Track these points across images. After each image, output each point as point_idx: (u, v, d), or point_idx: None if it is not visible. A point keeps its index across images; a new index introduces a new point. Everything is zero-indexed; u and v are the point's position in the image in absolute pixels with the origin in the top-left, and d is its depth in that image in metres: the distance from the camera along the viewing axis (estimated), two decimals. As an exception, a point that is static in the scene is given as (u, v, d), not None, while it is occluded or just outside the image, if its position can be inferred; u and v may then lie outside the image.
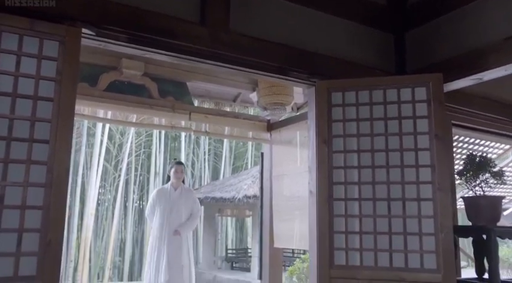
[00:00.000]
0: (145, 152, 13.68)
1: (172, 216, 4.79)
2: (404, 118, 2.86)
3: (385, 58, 3.51)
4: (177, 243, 4.72)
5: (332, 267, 2.79)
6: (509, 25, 2.82)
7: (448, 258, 2.66)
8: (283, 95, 3.89)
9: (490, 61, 2.90)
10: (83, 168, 11.16)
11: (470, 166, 2.98)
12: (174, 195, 4.91)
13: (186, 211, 4.90)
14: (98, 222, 12.13)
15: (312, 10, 3.16)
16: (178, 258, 4.69)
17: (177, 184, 4.99)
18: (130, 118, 4.40)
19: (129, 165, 12.96)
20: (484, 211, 2.88)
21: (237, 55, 2.78)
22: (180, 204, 4.88)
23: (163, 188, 5.09)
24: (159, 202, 4.88)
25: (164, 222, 4.75)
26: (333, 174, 2.89)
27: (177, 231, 4.75)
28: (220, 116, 4.73)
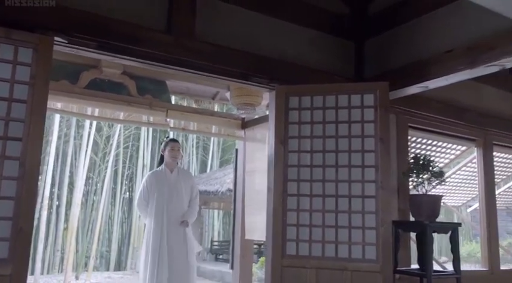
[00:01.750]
0: (134, 145, 13.88)
1: (173, 203, 4.05)
2: (353, 122, 3.13)
3: (345, 64, 3.77)
4: (180, 237, 4.01)
5: (284, 256, 3.07)
6: (450, 39, 3.08)
7: (386, 250, 2.94)
8: (253, 96, 4.13)
9: (433, 71, 3.17)
10: (71, 159, 11.36)
11: (414, 166, 3.24)
12: (172, 178, 4.16)
13: (187, 196, 4.18)
14: (85, 212, 12.36)
15: (275, 19, 3.40)
16: (184, 255, 3.99)
17: (173, 165, 4.24)
18: (108, 114, 4.63)
19: (118, 157, 13.16)
20: (424, 208, 3.16)
21: (201, 61, 3.03)
22: (179, 188, 4.13)
23: (157, 171, 4.27)
24: (155, 188, 4.10)
25: (164, 211, 3.99)
26: (288, 172, 3.16)
27: (185, 222, 4.04)
28: (197, 114, 4.98)
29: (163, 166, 4.24)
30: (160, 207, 4.01)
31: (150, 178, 4.19)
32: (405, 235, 3.65)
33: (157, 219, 3.98)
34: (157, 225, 3.97)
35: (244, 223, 4.94)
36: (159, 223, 3.97)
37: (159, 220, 3.98)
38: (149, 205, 4.09)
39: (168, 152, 4.22)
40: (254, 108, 4.32)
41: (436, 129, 4.33)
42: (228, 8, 3.19)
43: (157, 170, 4.30)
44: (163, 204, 4.02)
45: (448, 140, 4.61)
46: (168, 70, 3.06)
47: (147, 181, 4.18)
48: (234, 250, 5.10)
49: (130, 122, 5.20)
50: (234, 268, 5.05)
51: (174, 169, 4.23)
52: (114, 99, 4.35)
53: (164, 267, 3.88)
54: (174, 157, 4.23)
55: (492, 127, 4.69)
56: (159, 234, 3.94)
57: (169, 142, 4.28)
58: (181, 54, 2.95)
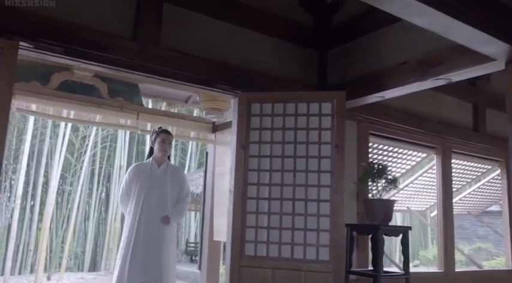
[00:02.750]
0: (112, 145, 13.84)
1: (153, 197, 3.61)
2: (311, 129, 3.28)
3: (309, 73, 3.92)
4: (157, 235, 3.56)
5: (242, 257, 3.19)
6: (403, 53, 3.26)
7: (339, 251, 3.10)
8: (220, 101, 4.26)
9: (388, 82, 3.35)
10: (47, 158, 11.30)
11: (370, 172, 3.40)
12: (157, 172, 3.73)
13: (173, 193, 3.70)
14: (60, 212, 12.28)
15: (239, 27, 3.53)
16: (158, 254, 3.52)
17: (162, 159, 3.79)
18: (83, 116, 4.68)
19: (94, 157, 13.12)
20: (378, 212, 3.32)
21: (165, 68, 3.14)
22: (164, 183, 3.69)
23: (141, 163, 3.90)
24: (136, 180, 3.70)
25: (141, 205, 3.58)
26: (248, 176, 3.29)
27: (166, 218, 3.58)
28: (168, 117, 5.07)
29: (151, 160, 3.80)
30: (138, 201, 3.61)
31: (132, 170, 3.82)
32: (363, 238, 3.82)
33: (133, 213, 3.60)
34: (133, 219, 3.59)
35: (212, 224, 5.05)
36: (134, 217, 3.59)
37: (135, 214, 3.59)
38: (130, 199, 3.70)
39: (158, 144, 3.75)
40: (222, 112, 4.44)
41: (397, 137, 4.52)
42: (194, 17, 3.30)
43: (142, 162, 3.93)
44: (141, 197, 3.61)
45: (409, 147, 4.81)
46: (133, 76, 3.16)
47: (129, 174, 3.81)
48: (203, 251, 5.20)
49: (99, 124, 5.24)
50: (202, 269, 5.16)
51: (162, 163, 3.78)
52: (85, 101, 4.41)
53: (137, 264, 3.45)
54: (164, 151, 3.77)
55: (451, 135, 4.90)
56: (133, 229, 3.55)
57: (160, 134, 3.79)
58: (147, 61, 3.05)
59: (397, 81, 3.29)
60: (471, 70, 2.86)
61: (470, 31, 2.32)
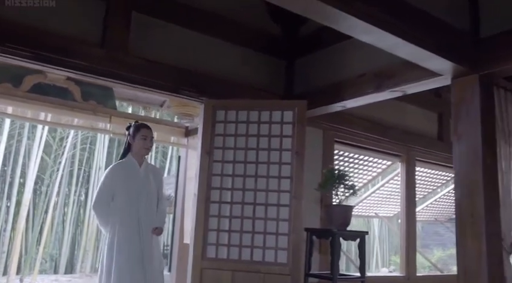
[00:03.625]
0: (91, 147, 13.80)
1: (145, 205, 3.13)
2: (273, 136, 3.41)
3: (276, 82, 4.06)
4: (153, 248, 3.13)
5: (204, 259, 3.30)
6: (363, 65, 3.41)
7: (297, 254, 3.23)
8: (190, 107, 4.36)
9: (348, 92, 3.50)
10: (24, 159, 11.23)
11: (329, 179, 3.54)
12: (141, 173, 3.21)
13: (156, 196, 3.26)
14: (35, 213, 12.19)
15: (208, 36, 3.64)
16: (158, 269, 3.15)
17: (142, 157, 3.29)
18: (52, 118, 4.74)
19: (73, 159, 13.06)
20: (336, 217, 3.45)
21: (132, 75, 3.23)
22: (149, 186, 3.20)
23: (125, 163, 3.24)
24: (122, 184, 3.12)
25: (141, 214, 3.09)
26: (212, 180, 3.40)
27: (159, 229, 3.17)
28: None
29: (131, 158, 3.24)
30: (133, 210, 3.07)
31: (115, 172, 3.18)
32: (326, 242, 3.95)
33: (130, 226, 3.03)
34: (132, 233, 3.02)
35: (183, 227, 5.14)
36: (134, 230, 3.03)
37: (133, 227, 3.03)
38: (113, 208, 3.09)
39: (140, 140, 3.22)
40: (193, 118, 4.54)
41: (362, 145, 4.68)
42: (162, 25, 3.40)
43: (124, 162, 3.26)
44: (137, 205, 3.09)
45: (374, 155, 4.97)
46: (100, 81, 3.25)
47: (112, 175, 3.16)
48: (173, 253, 5.28)
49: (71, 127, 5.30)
50: (171, 271, 5.24)
51: (142, 163, 3.27)
52: (57, 104, 4.47)
53: None
54: (147, 149, 3.27)
55: (415, 144, 5.09)
56: (136, 244, 3.00)
57: (142, 129, 3.26)
58: (114, 67, 3.15)
59: (356, 91, 3.44)
60: (421, 83, 3.02)
61: (414, 49, 2.48)
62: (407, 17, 2.43)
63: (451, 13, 2.74)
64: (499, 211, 2.66)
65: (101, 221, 3.17)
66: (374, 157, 5.01)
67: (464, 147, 2.71)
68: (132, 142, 3.27)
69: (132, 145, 3.27)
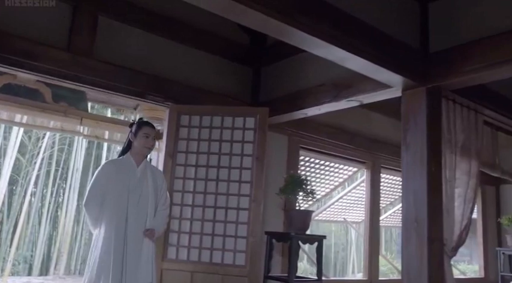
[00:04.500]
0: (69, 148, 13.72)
1: (138, 206, 2.90)
2: (235, 142, 3.51)
3: (242, 89, 4.16)
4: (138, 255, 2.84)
5: (164, 260, 3.37)
6: (322, 74, 3.54)
7: (255, 257, 3.32)
8: (159, 111, 4.42)
9: (309, 101, 3.62)
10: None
11: (290, 184, 3.65)
12: (137, 173, 3.00)
13: (153, 199, 2.99)
14: (10, 214, 12.07)
15: (175, 42, 3.73)
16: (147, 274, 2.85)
17: (143, 157, 3.08)
18: (21, 119, 4.76)
19: (50, 160, 12.97)
20: (296, 221, 3.55)
21: (98, 79, 3.30)
22: (146, 188, 2.98)
23: (119, 160, 3.06)
24: (115, 182, 2.92)
25: (128, 216, 2.86)
26: (174, 183, 3.48)
27: (151, 232, 2.91)
28: (112, 123, 5.20)
29: (129, 157, 3.05)
30: (121, 210, 2.85)
31: (108, 169, 2.99)
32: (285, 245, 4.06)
33: (116, 227, 2.81)
34: (116, 235, 2.79)
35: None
36: (120, 233, 2.80)
37: (119, 229, 2.80)
38: (103, 207, 2.88)
39: (141, 139, 3.02)
40: (162, 122, 4.61)
41: (328, 151, 4.81)
42: (129, 30, 3.48)
43: (118, 159, 3.09)
44: (125, 206, 2.87)
45: (340, 162, 5.11)
46: (66, 85, 3.31)
47: (105, 172, 2.97)
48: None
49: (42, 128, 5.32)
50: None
51: (141, 162, 3.05)
52: (28, 105, 4.49)
53: None
54: (149, 148, 3.07)
55: (380, 151, 5.24)
56: (120, 249, 2.77)
57: (144, 127, 3.07)
58: (79, 71, 3.21)
59: (316, 100, 3.56)
60: (375, 94, 3.16)
61: (363, 62, 2.61)
62: (356, 33, 2.56)
63: (402, 29, 2.89)
64: (442, 217, 2.80)
65: (91, 221, 2.95)
66: (340, 163, 5.15)
67: (412, 156, 2.85)
68: (133, 140, 3.06)
69: (133, 143, 3.06)
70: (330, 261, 16.83)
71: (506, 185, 6.69)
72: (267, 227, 3.91)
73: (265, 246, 3.59)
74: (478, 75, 2.66)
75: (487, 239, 6.72)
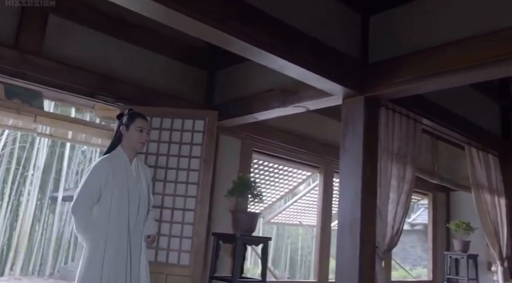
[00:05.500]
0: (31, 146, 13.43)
1: (134, 207, 2.62)
2: (184, 143, 3.57)
3: (197, 91, 4.23)
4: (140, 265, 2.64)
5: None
6: (271, 80, 3.63)
7: (199, 257, 3.39)
8: (113, 111, 4.43)
9: (258, 105, 3.72)
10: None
11: (238, 187, 3.73)
12: (134, 173, 2.70)
13: (147, 202, 2.76)
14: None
15: (128, 43, 3.76)
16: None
17: (134, 153, 2.74)
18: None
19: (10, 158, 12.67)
20: (242, 223, 3.64)
21: (46, 77, 3.30)
22: (143, 190, 2.72)
23: (113, 158, 2.67)
24: (112, 180, 2.57)
25: (130, 224, 2.57)
26: (127, 184, 3.50)
27: (153, 238, 2.80)
28: (68, 122, 5.16)
29: (120, 153, 2.69)
30: (122, 219, 2.55)
31: (102, 168, 2.59)
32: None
33: (119, 241, 2.51)
34: (121, 251, 2.50)
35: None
36: (123, 246, 2.52)
37: (122, 243, 2.52)
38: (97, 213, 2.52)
39: (135, 132, 2.68)
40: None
41: (281, 155, 4.92)
42: (80, 30, 3.49)
43: (111, 156, 2.68)
44: (127, 212, 2.57)
45: (294, 166, 5.23)
46: (13, 82, 3.30)
47: (101, 172, 2.57)
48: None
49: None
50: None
51: (133, 159, 2.73)
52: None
53: None
54: (142, 143, 2.72)
55: (333, 156, 5.35)
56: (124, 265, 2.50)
57: (138, 119, 2.74)
58: (27, 69, 3.21)
59: (265, 105, 3.66)
60: (319, 101, 3.29)
61: (303, 71, 2.73)
62: (296, 43, 2.67)
63: (343, 41, 3.02)
64: (376, 221, 2.94)
65: (80, 227, 2.52)
66: (294, 168, 5.26)
67: (348, 160, 2.98)
68: (125, 134, 2.70)
69: (124, 137, 2.71)
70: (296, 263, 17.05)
71: (456, 192, 6.96)
72: (216, 228, 3.99)
73: (212, 247, 3.66)
74: (407, 87, 2.82)
75: (437, 244, 6.99)
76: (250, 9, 2.44)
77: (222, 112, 3.94)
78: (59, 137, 5.30)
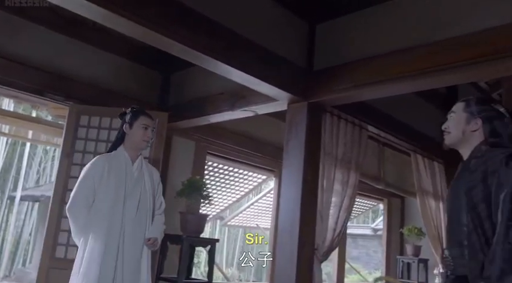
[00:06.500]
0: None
1: (132, 209, 2.50)
2: (134, 144, 3.56)
3: (151, 92, 4.23)
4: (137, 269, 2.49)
5: (52, 259, 3.36)
6: (222, 83, 3.66)
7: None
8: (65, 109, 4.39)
9: (210, 108, 3.77)
10: None
11: (187, 188, 3.76)
12: (134, 172, 2.60)
13: (152, 207, 2.63)
14: None
15: (79, 42, 3.73)
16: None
17: (138, 152, 2.66)
18: None
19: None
20: (190, 224, 3.67)
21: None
22: (146, 192, 2.60)
23: (114, 157, 2.61)
24: (108, 182, 2.49)
25: (125, 227, 2.46)
26: (69, 183, 3.48)
27: (155, 241, 2.59)
28: (21, 119, 5.07)
29: (122, 152, 2.61)
30: (116, 220, 2.44)
31: (99, 166, 2.54)
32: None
33: (108, 240, 2.41)
34: (110, 246, 2.40)
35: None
36: (114, 244, 2.41)
37: (111, 243, 2.41)
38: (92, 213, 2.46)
39: (139, 130, 2.61)
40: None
41: (236, 159, 4.97)
42: (28, 26, 3.44)
43: (112, 155, 2.62)
44: (121, 214, 2.46)
45: (249, 169, 5.29)
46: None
47: (96, 170, 2.52)
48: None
49: None
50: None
51: (137, 158, 2.64)
52: None
53: None
54: (147, 141, 2.65)
55: (289, 161, 5.46)
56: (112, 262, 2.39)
57: (142, 116, 2.65)
58: (-30, 64, 3.16)
59: (216, 108, 3.71)
60: (266, 106, 3.36)
61: (247, 76, 2.79)
62: (240, 49, 2.74)
63: (289, 48, 3.10)
64: (315, 223, 3.02)
65: (76, 228, 2.46)
66: (249, 171, 5.32)
67: (290, 164, 3.06)
68: (128, 132, 2.61)
69: (127, 135, 2.62)
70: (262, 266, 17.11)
71: (411, 198, 7.17)
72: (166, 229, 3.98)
73: (159, 248, 3.66)
74: (348, 94, 2.92)
75: (391, 248, 7.18)
76: (188, 11, 2.47)
77: (176, 113, 3.97)
78: (19, 136, 5.21)
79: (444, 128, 1.83)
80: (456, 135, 1.77)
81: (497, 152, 1.60)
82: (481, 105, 1.76)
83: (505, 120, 1.73)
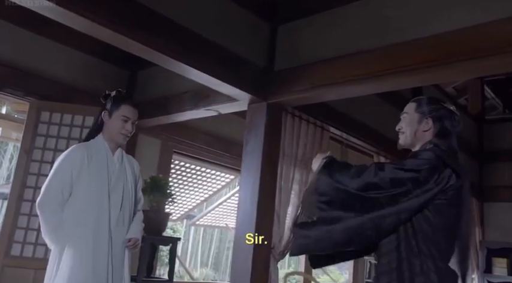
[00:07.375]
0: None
1: (123, 212, 2.30)
2: (94, 141, 3.54)
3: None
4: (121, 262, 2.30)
5: (8, 256, 3.31)
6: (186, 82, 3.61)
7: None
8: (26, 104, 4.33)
9: (174, 107, 3.76)
10: None
11: (149, 186, 3.74)
12: (117, 165, 2.36)
13: (133, 202, 2.44)
14: None
15: (43, 37, 3.68)
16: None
17: (115, 145, 2.40)
18: None
19: None
20: (151, 223, 3.65)
21: None
22: (128, 186, 2.36)
23: (92, 145, 2.33)
24: (88, 174, 2.23)
25: (111, 226, 2.24)
26: (28, 179, 3.44)
27: (135, 241, 2.37)
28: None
29: (101, 141, 2.35)
30: (102, 218, 2.21)
31: (76, 156, 2.24)
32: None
33: (97, 237, 2.18)
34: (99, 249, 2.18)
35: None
36: (103, 245, 2.19)
37: (102, 248, 2.18)
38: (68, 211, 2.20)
39: (117, 121, 2.35)
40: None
41: (204, 158, 4.97)
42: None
43: (90, 144, 2.34)
44: (107, 212, 2.23)
45: (217, 169, 5.30)
46: None
47: (71, 162, 2.22)
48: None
49: None
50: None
51: (117, 149, 2.40)
52: None
53: None
54: (125, 135, 2.37)
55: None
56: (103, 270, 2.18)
57: (123, 105, 2.38)
58: None
59: (180, 107, 3.71)
60: (228, 106, 3.37)
61: (207, 77, 2.81)
62: (199, 49, 2.73)
63: (249, 48, 3.11)
64: (272, 223, 3.05)
65: (48, 227, 2.18)
66: (217, 170, 5.33)
67: (249, 163, 3.09)
68: (107, 121, 2.36)
69: (106, 124, 2.37)
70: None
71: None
72: (129, 228, 3.97)
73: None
74: (306, 95, 2.96)
75: (359, 248, 7.26)
76: (146, 11, 2.48)
77: (142, 112, 3.94)
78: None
79: (398, 128, 1.90)
80: (409, 135, 1.84)
81: (424, 152, 1.68)
82: (431, 105, 1.82)
83: (456, 118, 1.80)
